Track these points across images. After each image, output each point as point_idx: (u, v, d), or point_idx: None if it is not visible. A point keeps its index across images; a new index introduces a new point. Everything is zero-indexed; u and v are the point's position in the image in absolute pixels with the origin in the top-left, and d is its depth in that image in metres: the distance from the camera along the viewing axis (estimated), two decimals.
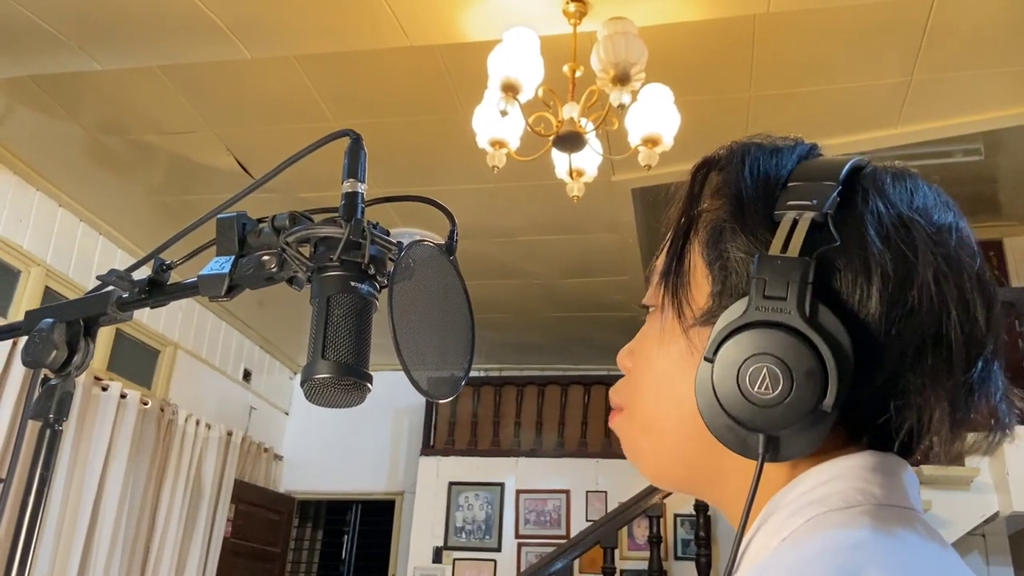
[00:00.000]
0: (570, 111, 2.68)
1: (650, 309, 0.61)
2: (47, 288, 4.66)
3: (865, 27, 3.29)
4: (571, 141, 2.68)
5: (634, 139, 2.69)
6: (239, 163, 4.32)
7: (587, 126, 2.71)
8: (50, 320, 0.78)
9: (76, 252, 4.87)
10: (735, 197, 0.54)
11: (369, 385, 0.66)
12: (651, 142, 2.65)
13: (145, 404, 5.20)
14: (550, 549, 5.17)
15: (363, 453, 6.94)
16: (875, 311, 0.49)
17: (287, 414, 7.30)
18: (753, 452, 0.49)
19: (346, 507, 7.66)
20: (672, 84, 2.80)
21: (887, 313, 0.49)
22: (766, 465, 0.50)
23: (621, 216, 4.70)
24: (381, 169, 4.18)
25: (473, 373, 6.93)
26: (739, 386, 0.49)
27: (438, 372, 0.67)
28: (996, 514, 4.22)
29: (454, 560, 6.07)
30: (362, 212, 0.70)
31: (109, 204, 4.83)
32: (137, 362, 5.49)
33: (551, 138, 2.71)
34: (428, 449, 6.46)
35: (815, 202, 0.50)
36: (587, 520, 5.81)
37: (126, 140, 4.23)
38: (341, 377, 0.64)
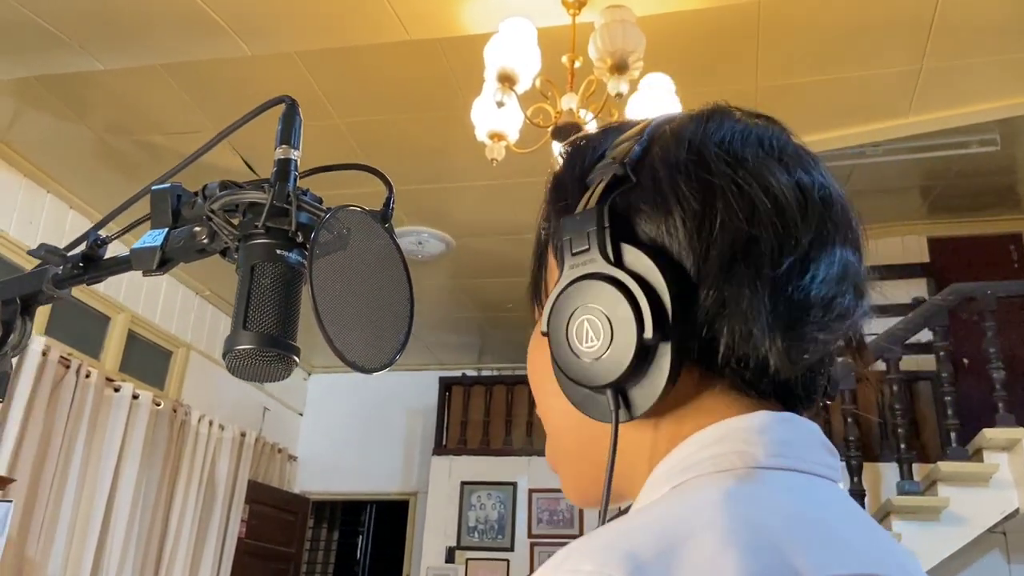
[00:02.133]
0: (568, 102, 2.65)
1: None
2: None
3: (873, 13, 3.23)
4: (569, 132, 2.64)
5: None
6: (245, 162, 4.32)
7: (586, 117, 2.67)
8: None
9: None
10: (556, 182, 0.55)
11: (295, 358, 0.63)
12: None
13: (158, 405, 5.22)
14: None
15: (376, 453, 6.93)
16: (684, 236, 0.48)
17: (301, 415, 7.31)
18: (608, 413, 0.48)
19: (360, 507, 7.66)
20: (675, 75, 2.76)
21: (697, 234, 0.48)
22: (653, 437, 0.49)
23: None
24: (384, 166, 4.15)
25: (485, 372, 6.94)
26: (571, 348, 0.48)
27: (369, 344, 0.63)
28: (1016, 511, 4.13)
29: (467, 560, 6.04)
30: (294, 179, 0.67)
31: (118, 204, 4.85)
32: (149, 363, 5.51)
33: (550, 129, 2.68)
34: (440, 449, 6.44)
35: (616, 159, 0.51)
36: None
37: (133, 141, 4.25)
38: (264, 348, 0.61)
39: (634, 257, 0.48)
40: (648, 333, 0.46)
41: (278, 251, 0.64)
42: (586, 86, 2.67)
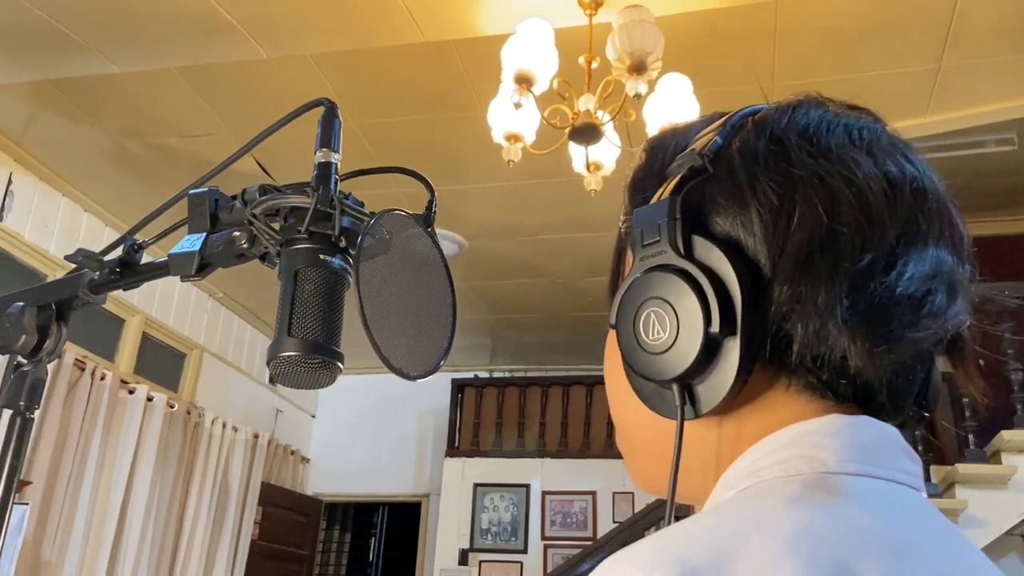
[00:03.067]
0: (586, 103, 2.63)
1: None
2: None
3: (891, 13, 3.20)
4: (587, 133, 2.63)
5: (652, 130, 2.63)
6: (259, 164, 4.32)
7: (603, 118, 2.66)
8: (20, 304, 0.76)
9: None
10: (635, 178, 0.55)
11: (340, 364, 0.62)
12: None
13: (172, 407, 5.22)
14: (576, 551, 5.13)
15: (389, 455, 6.93)
16: (760, 230, 0.47)
17: (313, 417, 7.31)
18: (673, 409, 0.47)
19: (373, 509, 7.66)
20: (691, 75, 2.74)
21: (773, 227, 0.46)
22: (717, 435, 0.48)
23: None
24: (391, 154, 4.15)
25: (497, 374, 6.92)
26: (638, 340, 0.48)
27: (413, 350, 0.62)
28: None
29: (480, 562, 6.03)
30: (335, 182, 0.66)
31: (133, 208, 4.86)
32: (163, 365, 5.52)
33: (567, 131, 2.67)
34: (453, 450, 6.43)
35: (693, 149, 0.50)
36: (614, 521, 5.74)
37: (147, 144, 4.26)
38: (308, 355, 0.60)
39: (705, 250, 0.47)
40: (715, 326, 0.45)
41: (321, 256, 0.63)
42: (603, 87, 2.66)
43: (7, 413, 0.73)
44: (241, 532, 5.79)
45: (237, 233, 0.68)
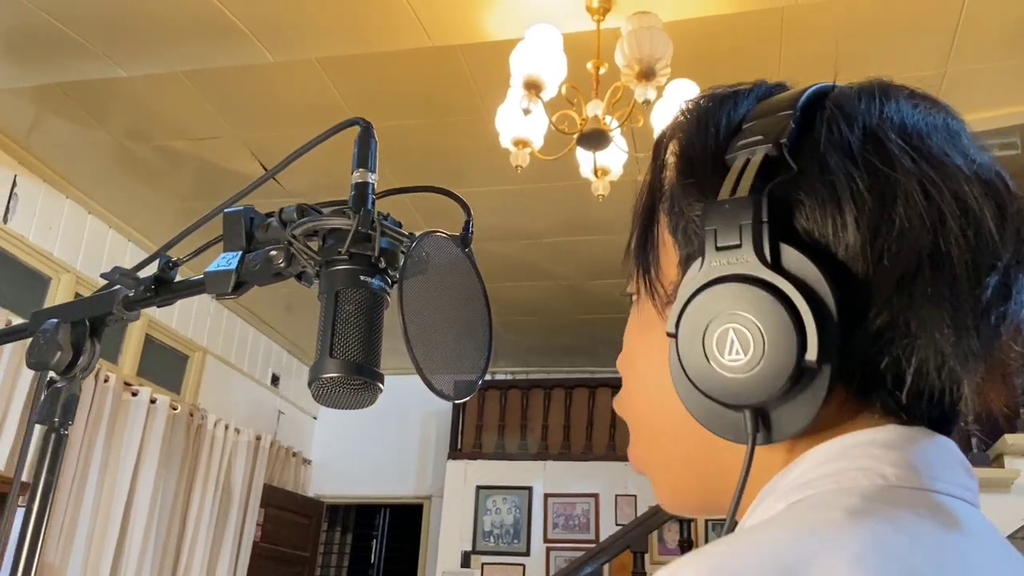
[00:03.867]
0: (594, 108, 2.64)
1: (631, 298, 0.54)
2: (77, 295, 4.70)
3: (897, 18, 3.21)
4: (596, 139, 2.64)
5: None
6: (263, 167, 4.32)
7: (612, 123, 2.67)
8: (55, 321, 0.76)
9: (105, 259, 4.91)
10: (684, 151, 0.48)
11: (380, 385, 0.62)
12: None
13: (175, 409, 5.23)
14: (579, 554, 5.13)
15: (391, 457, 6.93)
16: (855, 241, 0.42)
17: (315, 418, 7.32)
18: (740, 433, 0.42)
19: (375, 511, 7.66)
20: (697, 81, 2.75)
21: (871, 240, 0.42)
22: (766, 449, 0.43)
23: None
24: (405, 172, 4.17)
25: (500, 376, 6.93)
26: (707, 357, 0.42)
27: (453, 371, 0.63)
28: None
29: (483, 564, 6.03)
30: (372, 203, 0.67)
31: (137, 211, 4.86)
32: (166, 367, 5.52)
33: (575, 136, 2.67)
34: (455, 453, 6.44)
35: (767, 136, 0.44)
36: (616, 524, 5.75)
37: (153, 147, 4.26)
38: (350, 376, 0.61)
39: (795, 260, 0.41)
40: (811, 355, 0.39)
41: (361, 277, 0.63)
42: (612, 93, 2.67)
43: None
44: (243, 534, 5.79)
45: (274, 252, 0.69)
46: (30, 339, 0.78)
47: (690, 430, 0.46)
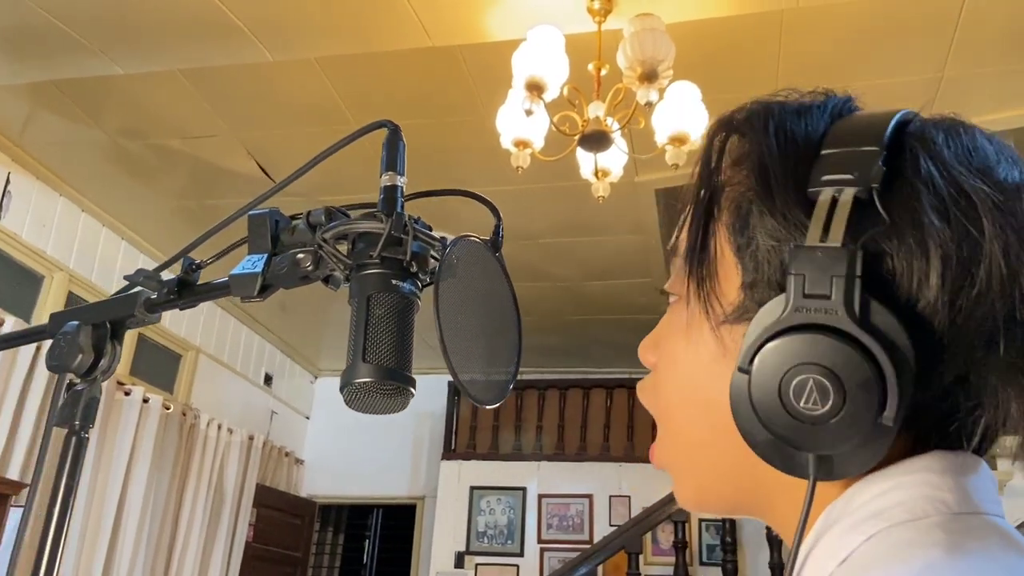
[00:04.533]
0: (596, 110, 2.64)
1: (671, 297, 0.53)
2: (70, 293, 4.67)
3: (895, 22, 3.22)
4: (597, 140, 2.63)
5: (661, 138, 2.64)
6: (260, 167, 4.31)
7: (613, 125, 2.67)
8: (75, 323, 0.75)
9: (99, 257, 4.88)
10: (760, 171, 0.46)
11: (412, 390, 0.62)
12: (678, 141, 2.61)
13: (167, 408, 5.20)
14: (573, 554, 5.13)
15: (384, 457, 6.92)
16: (935, 300, 0.42)
17: (308, 418, 7.29)
18: (802, 471, 0.43)
19: (367, 511, 7.65)
20: (696, 82, 2.75)
21: (951, 301, 0.42)
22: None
23: (644, 217, 4.65)
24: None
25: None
26: (782, 401, 0.42)
27: (486, 375, 0.63)
28: None
29: (476, 565, 6.03)
30: (402, 206, 0.66)
31: (131, 209, 4.84)
32: (159, 366, 5.50)
33: (576, 138, 2.67)
34: (449, 453, 6.43)
35: (856, 174, 0.43)
36: (611, 525, 5.76)
37: (148, 145, 4.24)
38: (383, 381, 0.60)
39: (882, 316, 0.41)
40: (889, 416, 0.40)
41: (393, 281, 0.63)
42: (613, 94, 2.67)
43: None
44: (236, 534, 5.77)
45: (302, 255, 0.68)
46: (39, 342, 0.78)
47: (730, 444, 0.46)
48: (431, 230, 0.66)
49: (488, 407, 0.61)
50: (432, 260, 0.65)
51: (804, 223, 0.43)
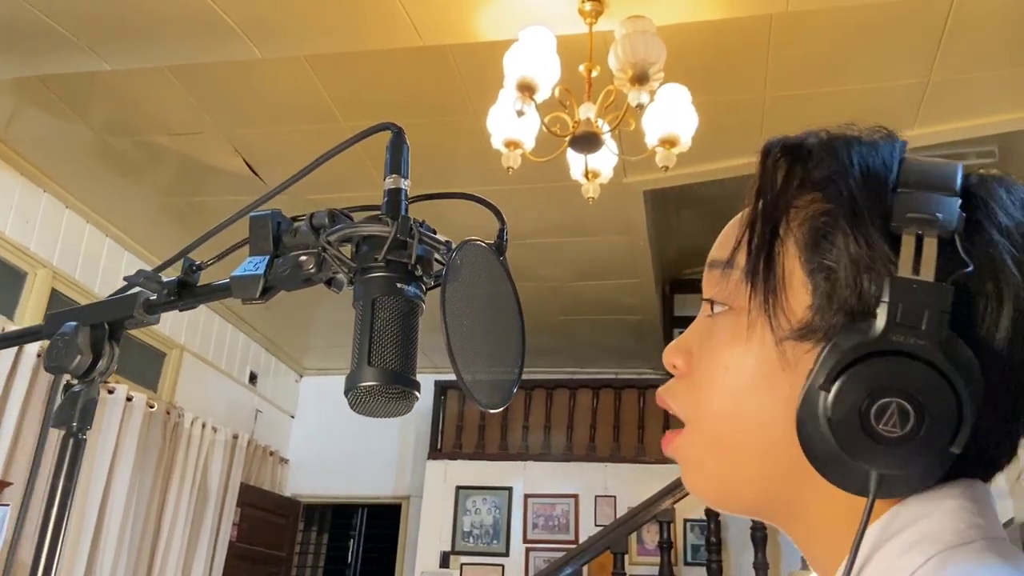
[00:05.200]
0: (587, 111, 2.64)
1: (716, 307, 0.54)
2: (53, 290, 4.63)
3: (883, 27, 3.25)
4: (588, 142, 2.64)
5: (651, 140, 2.65)
6: (247, 164, 4.28)
7: (603, 127, 2.67)
8: (73, 324, 0.74)
9: (83, 254, 4.84)
10: (848, 199, 0.48)
11: (417, 393, 0.62)
12: (668, 143, 2.61)
13: (151, 407, 5.16)
14: (559, 554, 5.13)
15: (369, 457, 6.90)
16: (1003, 341, 0.46)
17: (293, 417, 7.26)
18: (855, 486, 0.45)
19: (352, 511, 7.62)
20: (686, 85, 2.76)
21: (1013, 339, 0.46)
22: (849, 505, 0.47)
23: (632, 219, 4.66)
24: None
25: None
26: (861, 420, 0.44)
27: (491, 379, 0.62)
28: (1011, 520, 4.17)
29: (462, 565, 6.02)
30: (406, 209, 0.66)
31: (116, 206, 4.80)
32: (143, 364, 5.46)
33: (567, 139, 2.67)
34: (435, 453, 6.42)
35: (940, 217, 0.45)
36: (596, 525, 5.76)
37: (133, 141, 4.21)
38: (388, 385, 0.60)
39: (963, 352, 0.44)
40: (960, 443, 0.43)
41: (398, 284, 0.63)
42: (604, 96, 2.67)
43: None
44: (219, 533, 5.74)
45: (304, 257, 0.68)
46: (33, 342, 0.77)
47: (770, 456, 0.49)
48: (435, 233, 0.66)
49: (492, 411, 0.61)
50: (436, 263, 0.65)
51: (888, 255, 0.46)
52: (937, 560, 0.44)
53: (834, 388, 0.45)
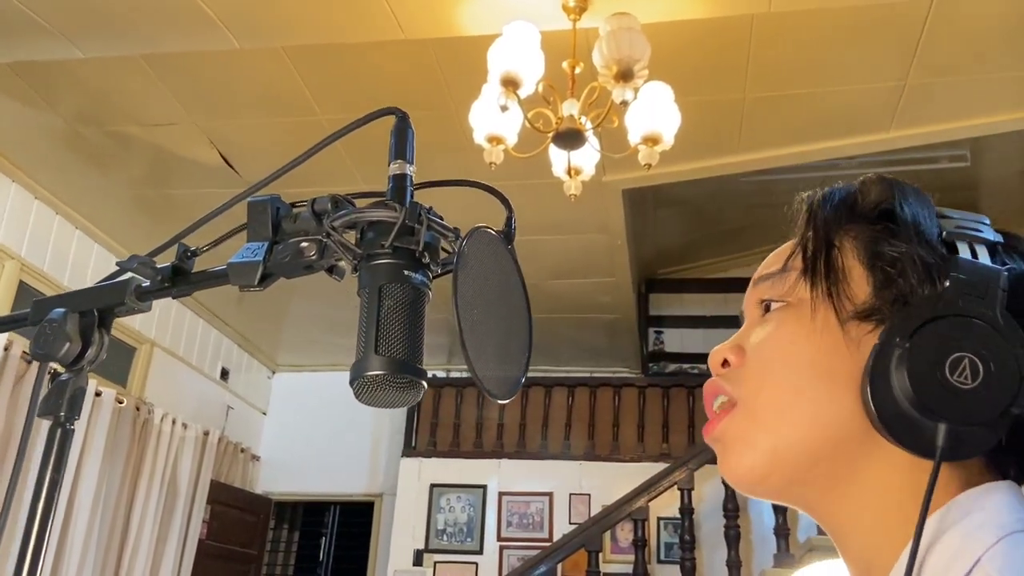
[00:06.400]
0: (570, 108, 2.64)
1: (774, 304, 0.59)
2: (21, 282, 4.53)
3: (863, 29, 3.28)
4: (571, 138, 2.63)
5: (634, 137, 2.65)
6: (222, 156, 4.22)
7: (587, 124, 2.67)
8: (62, 310, 0.72)
9: (52, 246, 4.74)
10: (904, 216, 0.55)
11: (424, 383, 0.60)
12: (651, 140, 2.61)
13: (120, 403, 5.08)
14: (533, 552, 5.13)
15: (342, 454, 6.84)
16: None
17: (265, 414, 7.19)
18: (920, 446, 0.49)
19: (323, 508, 7.56)
20: (667, 83, 2.76)
21: None
22: (900, 483, 0.51)
23: (611, 217, 4.67)
24: (371, 167, 4.11)
25: (455, 374, 6.89)
26: (937, 372, 0.48)
27: (500, 371, 0.61)
28: None
29: (435, 563, 6.00)
30: (412, 195, 0.65)
31: (86, 197, 4.70)
32: (113, 359, 5.36)
33: (550, 135, 2.66)
34: (410, 450, 6.38)
35: (982, 231, 0.54)
36: (570, 523, 5.77)
37: (105, 131, 4.13)
38: (396, 374, 0.58)
39: (1016, 327, 0.50)
40: (1017, 408, 0.48)
41: (405, 272, 0.61)
42: (588, 93, 2.67)
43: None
44: (189, 531, 5.66)
45: (306, 244, 0.66)
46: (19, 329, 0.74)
47: (828, 429, 0.53)
48: (443, 219, 0.64)
49: (501, 402, 0.60)
50: (443, 251, 0.64)
51: (944, 254, 0.53)
52: (1010, 540, 0.46)
53: (911, 342, 0.49)
